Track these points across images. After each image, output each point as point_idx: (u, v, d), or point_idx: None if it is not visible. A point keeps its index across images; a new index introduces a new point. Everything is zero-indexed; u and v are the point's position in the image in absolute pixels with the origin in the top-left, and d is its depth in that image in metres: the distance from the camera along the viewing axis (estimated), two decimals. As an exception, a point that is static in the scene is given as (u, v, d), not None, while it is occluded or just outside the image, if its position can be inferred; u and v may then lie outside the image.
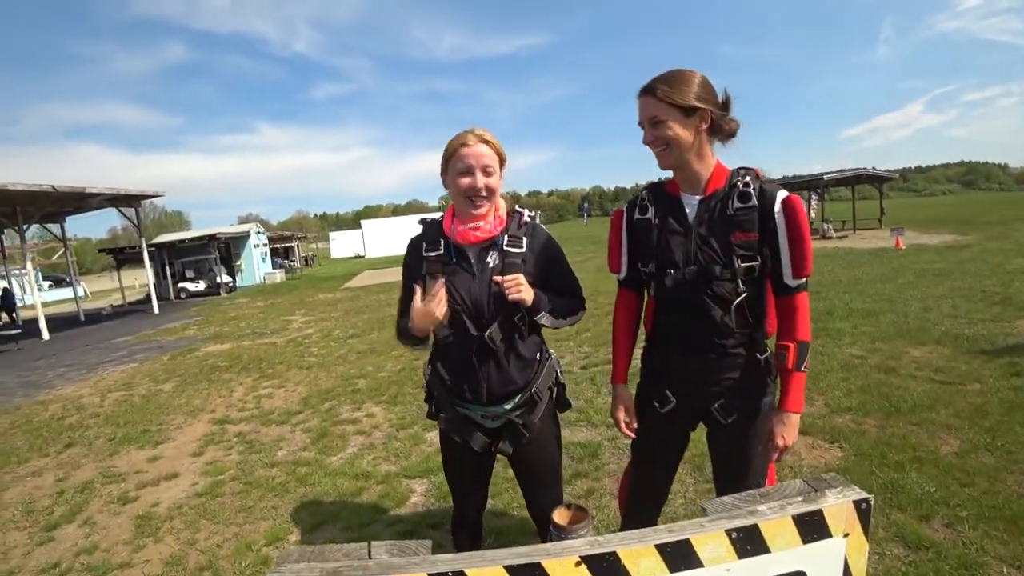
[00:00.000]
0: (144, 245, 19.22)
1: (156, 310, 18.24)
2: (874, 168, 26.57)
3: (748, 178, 1.53)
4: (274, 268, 30.70)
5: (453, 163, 1.67)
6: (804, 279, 1.51)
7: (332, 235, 60.95)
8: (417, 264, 1.77)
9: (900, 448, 3.31)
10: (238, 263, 27.81)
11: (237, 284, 26.29)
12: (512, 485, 3.01)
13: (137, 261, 22.59)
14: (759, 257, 1.51)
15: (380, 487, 3.44)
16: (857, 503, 0.87)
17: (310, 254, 47.58)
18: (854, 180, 26.94)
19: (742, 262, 1.50)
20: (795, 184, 25.93)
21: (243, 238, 28.13)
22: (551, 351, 1.90)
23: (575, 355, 6.31)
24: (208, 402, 5.97)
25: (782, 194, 1.49)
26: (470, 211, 1.69)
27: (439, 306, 1.58)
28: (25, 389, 7.89)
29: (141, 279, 25.19)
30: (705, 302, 1.54)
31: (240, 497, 3.53)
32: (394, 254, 40.84)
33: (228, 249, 27.26)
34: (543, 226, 1.85)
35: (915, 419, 3.72)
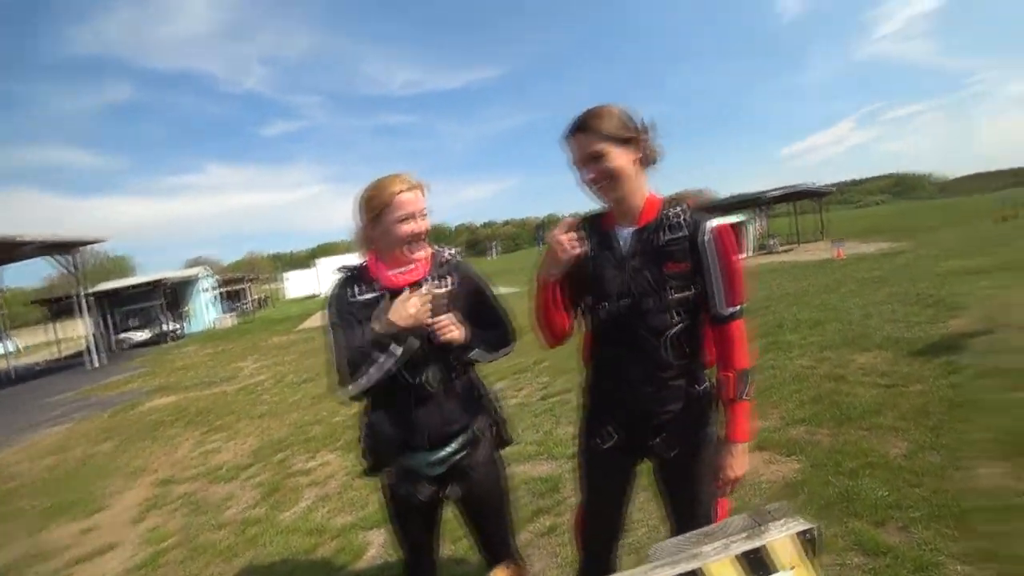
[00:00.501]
0: (82, 294, 18.24)
1: (96, 363, 17.22)
2: (813, 184, 28.01)
3: (679, 208, 1.54)
4: (225, 312, 29.64)
5: (390, 211, 1.63)
6: (738, 307, 1.51)
7: (286, 275, 59.49)
8: (352, 308, 1.69)
9: (853, 455, 3.37)
10: (186, 309, 26.71)
11: (185, 331, 25.18)
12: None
13: (75, 312, 21.40)
14: (692, 287, 1.50)
15: (335, 542, 3.26)
16: (801, 534, 0.84)
17: (263, 295, 46.23)
18: (795, 196, 28.30)
19: (675, 293, 1.50)
20: (740, 202, 27.02)
21: (191, 282, 27.12)
22: (488, 387, 1.87)
23: (534, 386, 6.25)
24: (150, 462, 5.60)
25: (711, 223, 1.50)
26: (409, 256, 1.66)
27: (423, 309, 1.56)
28: (-56, 462, 7.22)
29: (79, 330, 23.83)
30: (640, 335, 1.53)
31: (183, 566, 3.28)
32: (351, 290, 40.09)
33: (175, 295, 26.19)
34: (465, 261, 1.84)
35: (865, 425, 3.82)
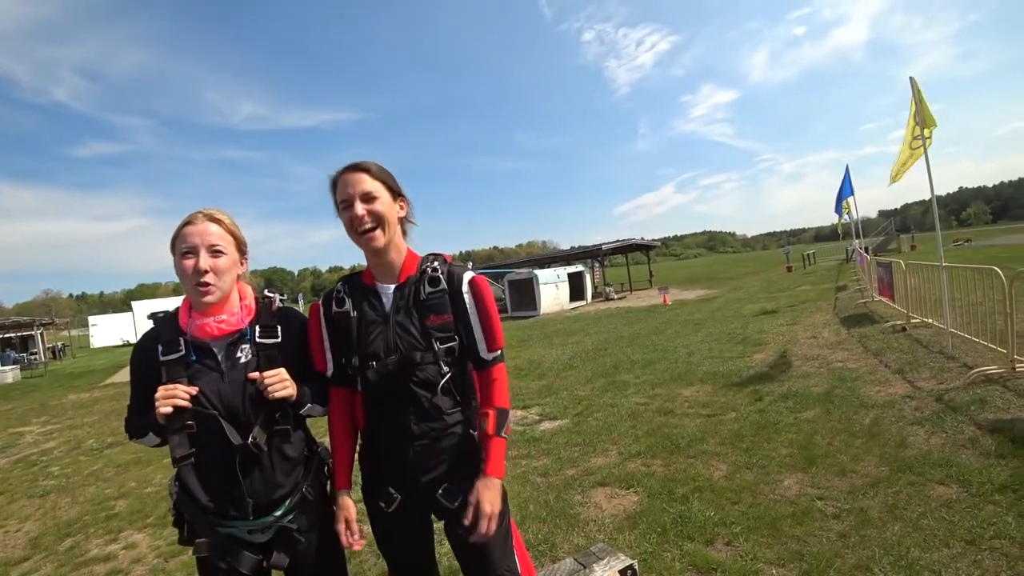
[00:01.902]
0: None
1: None
2: (642, 238, 31.42)
3: (436, 263, 1.62)
4: (4, 364, 24.31)
5: (178, 244, 1.48)
6: (499, 351, 1.60)
7: (93, 319, 50.62)
8: (152, 371, 1.48)
9: (683, 481, 3.68)
10: (-54, 365, 21.42)
11: (-57, 393, 20.08)
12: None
13: None
14: (456, 337, 1.56)
15: (137, 640, 2.71)
16: (623, 572, 0.86)
17: (60, 344, 38.87)
18: (627, 249, 31.49)
19: (441, 344, 1.53)
20: (580, 254, 29.32)
21: (-45, 333, 21.92)
22: (319, 442, 1.72)
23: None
24: None
25: (468, 275, 1.60)
26: (197, 299, 1.49)
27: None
28: None
29: None
30: (412, 389, 1.53)
31: None
32: (178, 339, 35.41)
33: (-71, 348, 20.94)
34: (296, 308, 1.72)
35: (692, 452, 4.21)
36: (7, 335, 28.81)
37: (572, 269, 24.02)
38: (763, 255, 77.35)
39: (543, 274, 21.86)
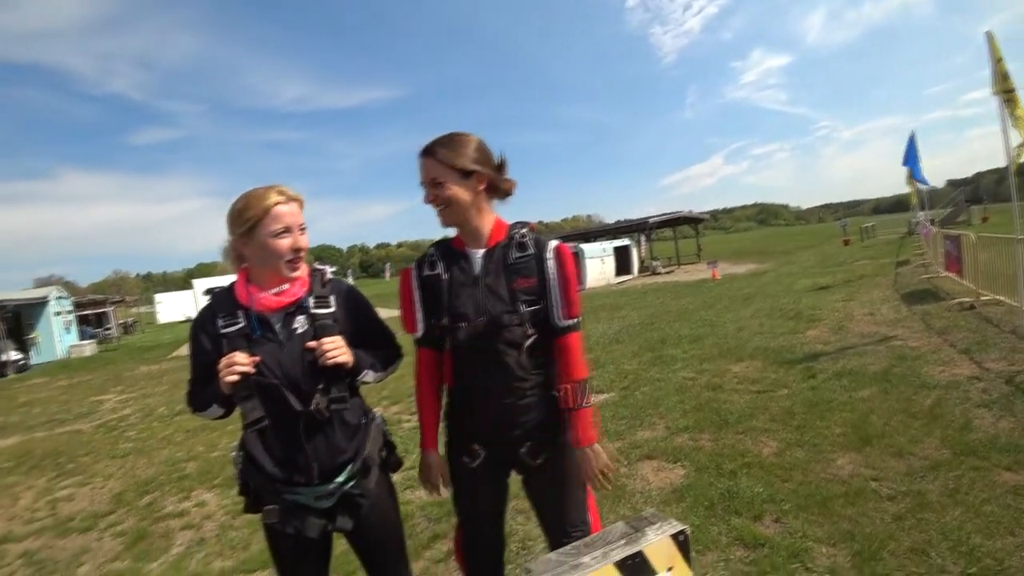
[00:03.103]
0: None
1: (-90, 406, 14.45)
2: (690, 211, 30.58)
3: (524, 230, 1.68)
4: (83, 339, 26.17)
5: (265, 224, 1.52)
6: (574, 320, 1.64)
7: (158, 297, 53.83)
8: (214, 342, 1.57)
9: (731, 457, 3.65)
10: (32, 335, 23.22)
11: (32, 361, 21.85)
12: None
13: None
14: (541, 301, 1.61)
15: (212, 589, 2.95)
16: (675, 536, 0.88)
17: (130, 320, 41.46)
18: (674, 222, 30.72)
19: (527, 306, 1.59)
20: (626, 228, 28.80)
21: (39, 305, 23.62)
22: (374, 411, 1.80)
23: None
24: (-21, 517, 4.76)
25: (553, 243, 1.66)
26: (288, 274, 1.56)
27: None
28: None
29: None
30: (499, 349, 1.58)
31: (19, 637, 2.80)
32: (236, 313, 37.20)
33: (18, 319, 22.68)
34: (346, 280, 1.78)
35: (741, 428, 4.16)
36: (84, 312, 30.91)
37: (618, 243, 23.70)
38: (818, 228, 73.99)
39: (589, 248, 21.67)
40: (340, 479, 1.59)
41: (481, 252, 1.65)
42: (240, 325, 1.56)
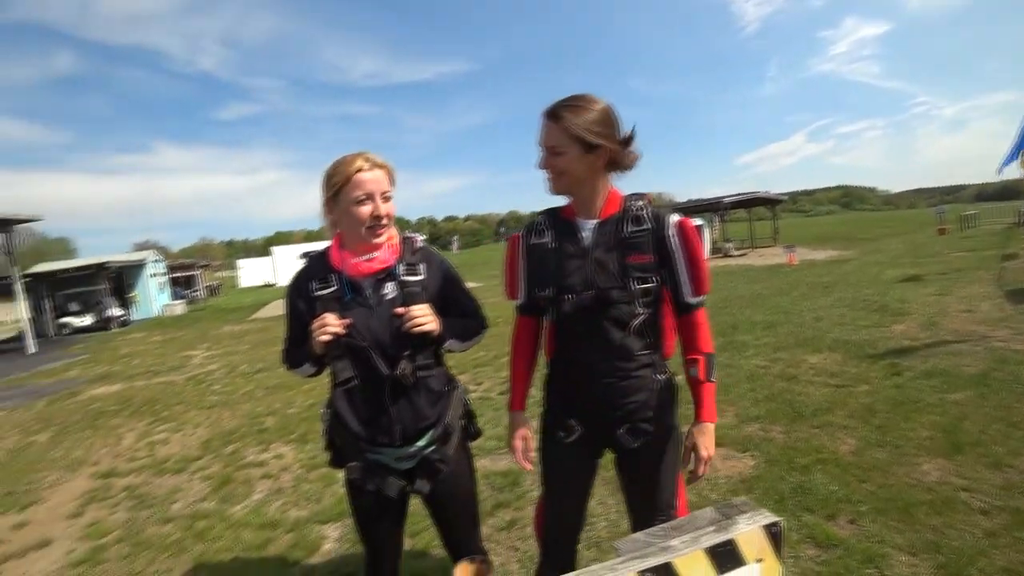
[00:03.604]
0: (17, 275, 17.16)
1: (32, 349, 16.23)
2: (767, 192, 28.98)
3: (641, 203, 1.57)
4: (175, 299, 28.41)
5: (348, 191, 1.56)
6: (703, 296, 1.56)
7: (240, 263, 57.50)
8: (307, 304, 1.64)
9: (805, 452, 3.49)
10: (132, 294, 25.45)
11: (131, 317, 24.01)
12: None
13: (8, 294, 20.08)
14: (655, 279, 1.52)
15: (289, 536, 3.16)
16: (768, 527, 0.85)
17: (215, 283, 44.52)
18: (750, 203, 29.24)
19: (638, 284, 1.51)
20: (697, 207, 27.68)
21: (138, 267, 25.82)
22: (457, 380, 1.83)
23: (494, 380, 6.22)
24: (91, 453, 5.31)
25: (674, 217, 1.54)
26: (370, 241, 1.59)
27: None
28: None
29: (14, 314, 22.37)
30: (604, 326, 1.54)
31: (127, 562, 3.11)
32: (310, 280, 39.06)
33: (120, 279, 24.92)
34: (435, 249, 1.79)
35: (816, 423, 3.96)
36: (175, 275, 33.46)
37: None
38: (909, 215, 68.32)
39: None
40: (421, 443, 1.64)
41: (593, 223, 1.58)
42: (333, 288, 1.61)
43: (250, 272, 52.29)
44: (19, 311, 17.55)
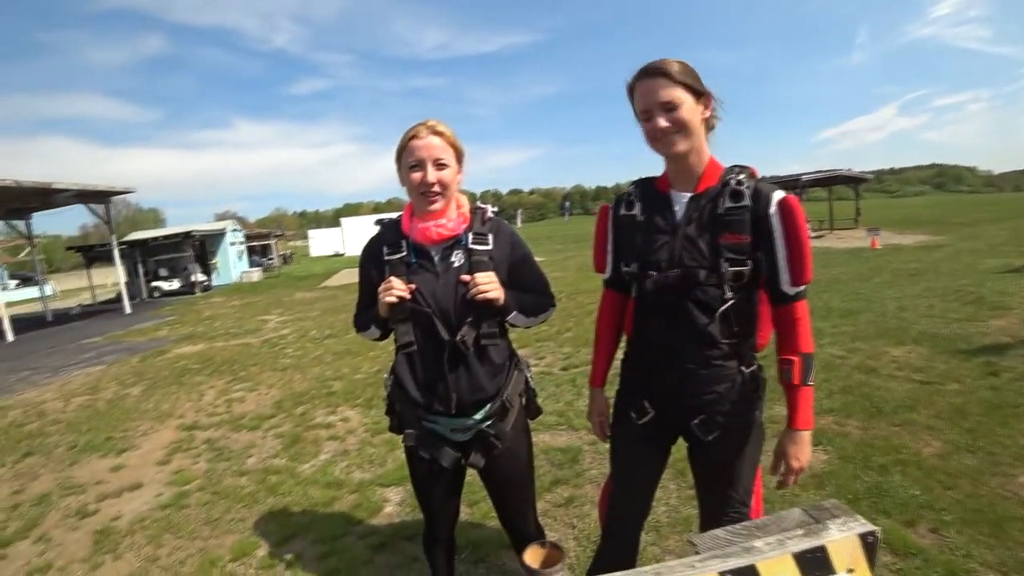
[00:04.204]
0: (115, 243, 18.68)
1: (128, 310, 17.72)
2: (849, 169, 27.02)
3: (742, 176, 1.43)
4: (251, 266, 30.08)
5: (404, 157, 1.58)
6: (803, 286, 1.40)
7: (311, 233, 60.07)
8: (378, 268, 1.67)
9: (883, 450, 3.28)
10: (214, 261, 27.16)
11: (213, 283, 25.69)
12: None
13: (108, 259, 21.95)
14: (749, 262, 1.39)
15: (353, 496, 3.31)
16: (864, 536, 0.78)
17: (288, 252, 46.72)
18: (831, 181, 27.35)
19: (730, 266, 1.38)
20: (774, 184, 26.18)
21: (219, 236, 27.48)
22: (521, 356, 1.81)
23: (555, 356, 6.21)
24: (177, 407, 5.76)
25: (778, 195, 1.39)
26: (424, 208, 1.59)
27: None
28: (-16, 393, 7.54)
29: (112, 278, 24.54)
30: (688, 308, 1.44)
31: (206, 508, 3.36)
32: (375, 252, 40.29)
33: (203, 247, 26.62)
34: (506, 222, 1.76)
35: (897, 420, 3.70)
36: (252, 243, 35.39)
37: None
38: (1014, 198, 61.81)
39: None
40: (478, 416, 1.64)
41: (687, 197, 1.46)
42: (402, 254, 1.63)
43: (320, 242, 54.59)
44: (117, 275, 19.19)
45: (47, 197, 15.88)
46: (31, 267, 24.77)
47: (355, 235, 46.72)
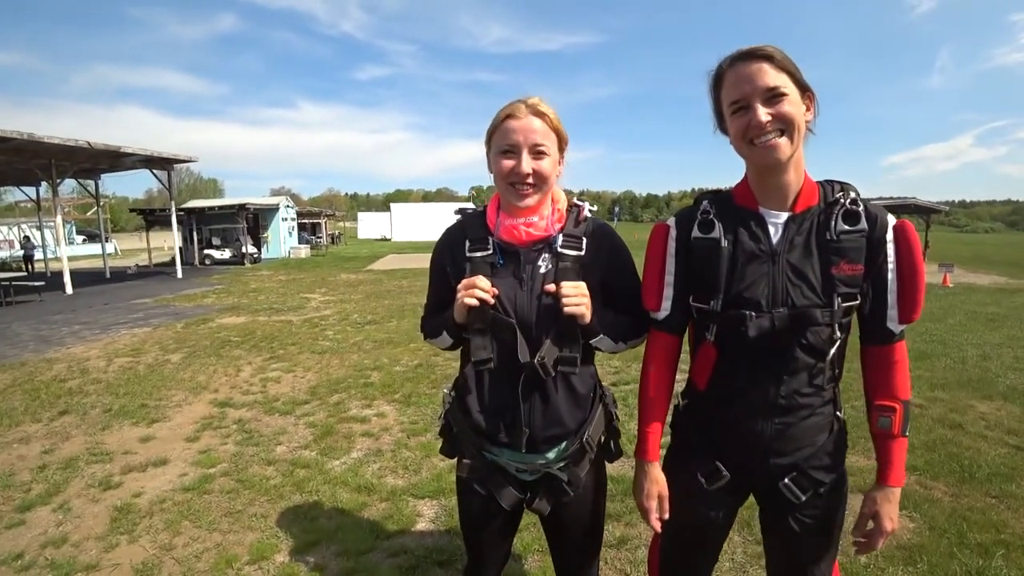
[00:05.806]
0: (173, 208, 19.32)
1: (179, 274, 18.31)
2: (915, 198, 25.55)
3: (853, 195, 1.20)
4: (300, 243, 30.77)
5: (495, 140, 1.31)
6: (908, 324, 1.21)
7: (361, 215, 61.33)
8: (456, 266, 1.40)
9: (981, 526, 2.85)
10: (265, 235, 27.91)
11: (262, 256, 26.37)
12: (535, 522, 2.63)
13: (166, 224, 22.80)
14: (859, 296, 1.19)
15: (384, 505, 3.09)
16: None
17: (337, 232, 47.70)
18: (900, 208, 25.88)
19: (843, 300, 1.17)
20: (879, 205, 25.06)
21: (272, 210, 28.19)
22: (606, 387, 1.51)
23: (603, 370, 5.88)
24: (213, 380, 5.72)
25: (892, 219, 1.19)
26: (513, 202, 1.32)
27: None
28: (36, 344, 7.78)
29: (169, 242, 25.50)
30: (797, 355, 1.20)
31: (229, 497, 3.22)
32: (420, 240, 40.72)
33: (256, 220, 27.36)
34: (608, 224, 1.45)
35: (993, 491, 3.25)
36: (303, 221, 36.21)
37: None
38: (1101, 244, 57.41)
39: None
40: (551, 456, 1.38)
41: (784, 217, 1.21)
42: (488, 252, 1.37)
43: (368, 225, 55.61)
44: (174, 240, 19.86)
45: (115, 160, 16.55)
46: (97, 225, 25.96)
47: (403, 222, 47.33)
